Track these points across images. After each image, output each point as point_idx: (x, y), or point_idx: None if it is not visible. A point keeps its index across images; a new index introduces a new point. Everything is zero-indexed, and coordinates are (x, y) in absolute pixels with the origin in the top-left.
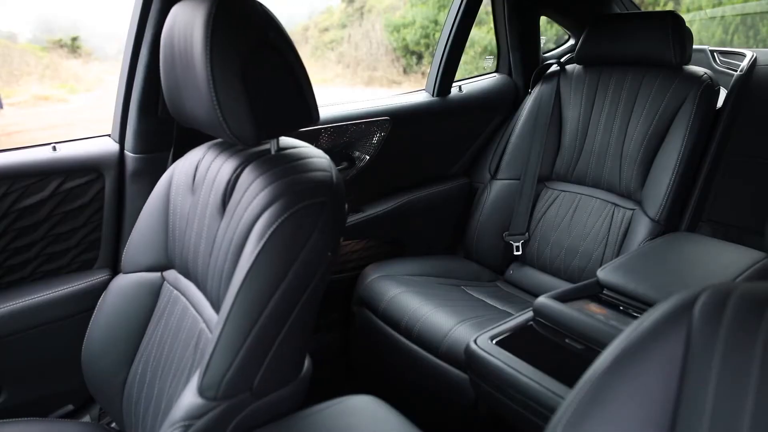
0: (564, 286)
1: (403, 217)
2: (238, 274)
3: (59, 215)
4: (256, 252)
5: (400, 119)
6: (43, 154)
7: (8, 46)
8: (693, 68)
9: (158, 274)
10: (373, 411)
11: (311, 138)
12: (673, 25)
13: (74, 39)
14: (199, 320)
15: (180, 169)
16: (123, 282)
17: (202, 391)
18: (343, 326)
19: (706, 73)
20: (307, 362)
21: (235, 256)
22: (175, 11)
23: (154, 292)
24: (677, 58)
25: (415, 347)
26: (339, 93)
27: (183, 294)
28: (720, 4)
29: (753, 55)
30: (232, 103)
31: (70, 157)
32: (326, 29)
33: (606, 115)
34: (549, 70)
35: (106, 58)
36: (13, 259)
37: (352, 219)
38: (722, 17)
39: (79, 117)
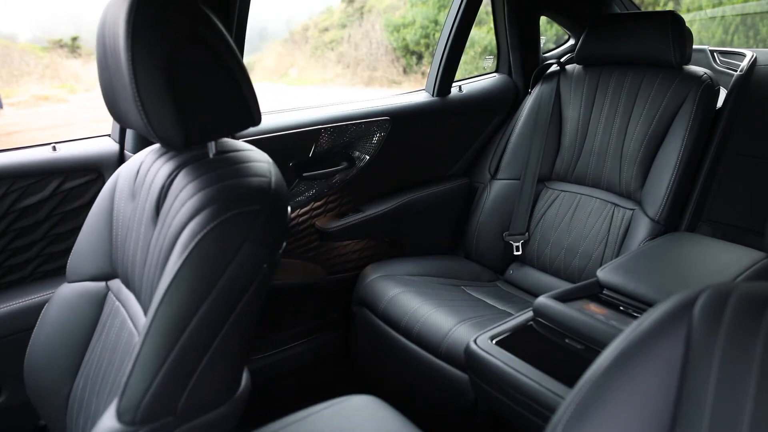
0: (564, 286)
1: (403, 217)
2: (160, 288)
3: (59, 215)
4: (179, 264)
5: (400, 119)
6: (43, 154)
7: (8, 46)
8: (693, 68)
9: (103, 283)
10: (373, 411)
11: (311, 138)
12: (673, 25)
13: (74, 39)
14: (135, 334)
15: (124, 173)
16: (66, 292)
17: (120, 415)
18: (343, 326)
19: (706, 73)
20: (244, 381)
21: (163, 267)
22: (106, 7)
23: (98, 302)
24: (677, 58)
25: (415, 347)
26: (339, 93)
27: (123, 305)
28: (720, 4)
29: (753, 55)
30: (157, 104)
31: (70, 157)
32: (326, 29)
33: (606, 115)
34: (549, 70)
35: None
36: (13, 259)
37: (352, 219)
38: (722, 17)
39: (78, 117)
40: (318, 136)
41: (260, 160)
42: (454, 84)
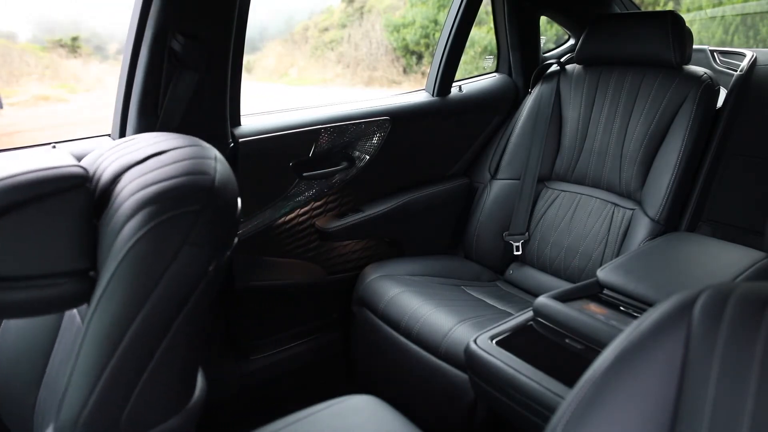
0: (564, 286)
1: (403, 217)
2: (95, 296)
3: None
4: (112, 269)
5: (400, 119)
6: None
7: (8, 46)
8: (693, 68)
9: None
10: (373, 411)
11: (311, 138)
12: (673, 25)
13: (74, 39)
14: None
15: None
16: None
17: (58, 431)
18: (343, 326)
19: (706, 73)
20: (198, 390)
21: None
22: None
23: None
24: (677, 58)
25: (415, 347)
26: (339, 93)
27: (78, 311)
28: (720, 4)
29: (753, 55)
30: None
31: None
32: (326, 29)
33: (606, 115)
34: (549, 70)
35: (105, 58)
36: None
37: (352, 219)
38: (722, 17)
39: (79, 117)
40: (318, 136)
41: (204, 157)
42: (454, 84)
